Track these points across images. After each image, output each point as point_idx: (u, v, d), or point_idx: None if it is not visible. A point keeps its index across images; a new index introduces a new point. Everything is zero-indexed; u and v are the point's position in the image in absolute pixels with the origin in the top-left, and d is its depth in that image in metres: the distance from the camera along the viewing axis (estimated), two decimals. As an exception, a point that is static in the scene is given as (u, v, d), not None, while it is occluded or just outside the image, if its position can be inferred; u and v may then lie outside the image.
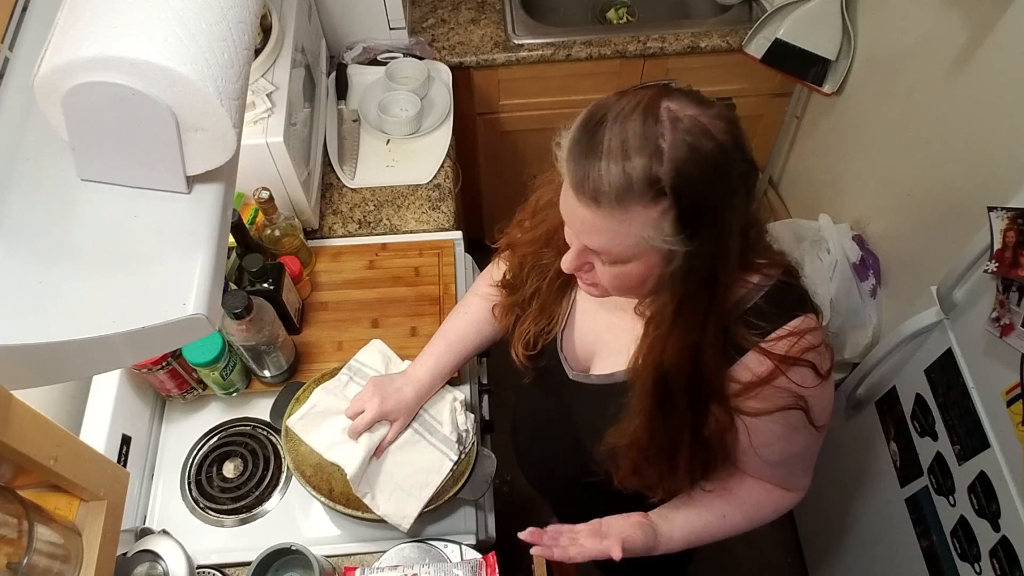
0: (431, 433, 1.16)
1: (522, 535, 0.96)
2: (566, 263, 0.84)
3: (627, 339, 0.95)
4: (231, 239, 1.27)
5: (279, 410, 1.24)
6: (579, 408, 1.05)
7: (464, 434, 1.18)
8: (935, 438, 1.32)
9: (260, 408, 1.34)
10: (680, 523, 1.00)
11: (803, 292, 0.88)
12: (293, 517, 1.25)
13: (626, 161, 0.69)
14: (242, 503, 1.25)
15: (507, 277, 1.09)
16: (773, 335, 0.83)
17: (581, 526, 0.98)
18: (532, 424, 1.29)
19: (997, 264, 1.05)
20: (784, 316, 0.84)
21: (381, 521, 1.12)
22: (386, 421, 1.14)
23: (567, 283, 1.02)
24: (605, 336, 1.00)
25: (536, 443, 1.29)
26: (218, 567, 1.19)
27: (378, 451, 1.14)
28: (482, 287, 1.18)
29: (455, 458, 1.16)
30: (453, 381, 1.34)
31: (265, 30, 1.38)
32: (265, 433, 1.32)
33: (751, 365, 0.84)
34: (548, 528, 0.97)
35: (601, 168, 0.70)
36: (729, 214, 0.74)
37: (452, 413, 1.18)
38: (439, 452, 1.15)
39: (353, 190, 1.63)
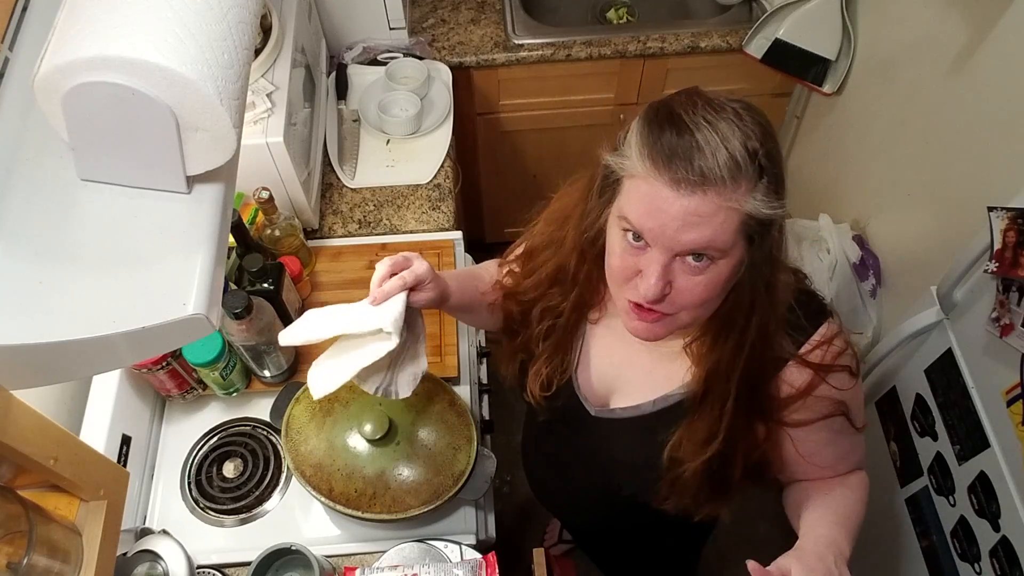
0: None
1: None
2: (650, 287, 0.75)
3: (645, 372, 0.95)
4: (231, 239, 1.27)
5: (279, 410, 1.24)
6: (607, 444, 1.02)
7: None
8: (935, 438, 1.32)
9: (260, 408, 1.34)
10: (844, 545, 0.91)
11: (820, 298, 0.89)
12: (293, 517, 1.25)
13: (727, 143, 0.70)
14: (242, 503, 1.25)
15: (508, 324, 1.05)
16: (806, 346, 0.84)
17: None
18: (549, 460, 1.26)
19: (997, 264, 1.05)
20: (812, 325, 0.85)
21: (381, 521, 1.12)
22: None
23: (579, 321, 0.99)
24: (623, 371, 0.98)
25: (554, 477, 1.26)
26: (218, 567, 1.19)
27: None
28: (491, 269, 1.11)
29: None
30: (452, 381, 1.35)
31: (265, 30, 1.38)
32: (265, 433, 1.32)
33: (791, 379, 0.85)
34: None
35: (706, 152, 0.70)
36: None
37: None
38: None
39: (353, 190, 1.63)
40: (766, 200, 0.72)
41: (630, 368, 0.97)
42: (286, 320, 1.32)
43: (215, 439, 1.32)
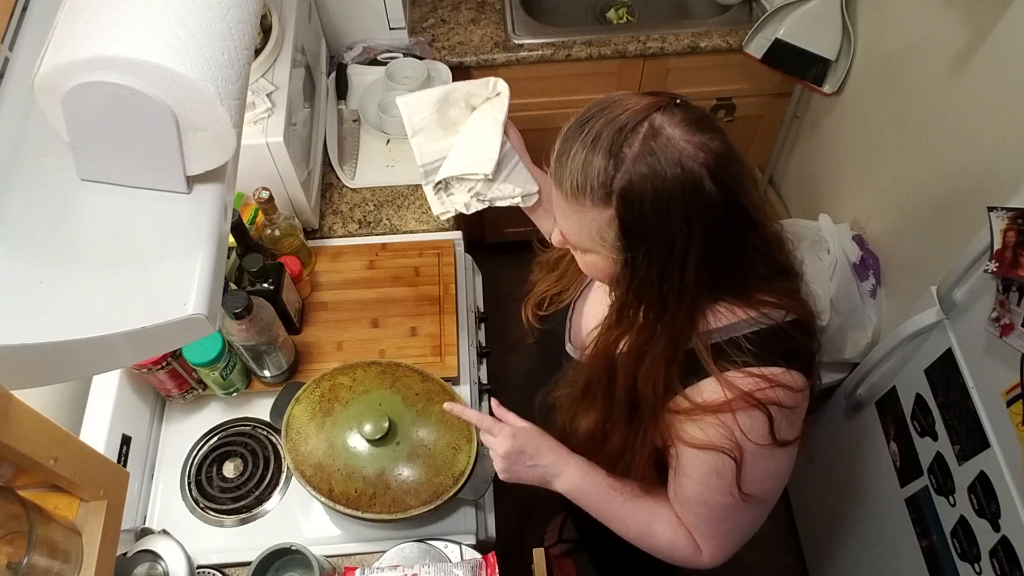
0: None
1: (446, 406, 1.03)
2: (553, 237, 0.87)
3: None
4: (231, 239, 1.27)
5: (279, 410, 1.24)
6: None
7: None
8: (935, 438, 1.32)
9: (260, 408, 1.34)
10: (583, 470, 0.97)
11: (801, 348, 0.83)
12: (293, 517, 1.25)
13: (592, 157, 0.72)
14: (242, 503, 1.25)
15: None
16: (743, 371, 0.79)
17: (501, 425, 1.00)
18: (531, 384, 1.30)
19: (997, 264, 1.05)
20: (765, 360, 0.79)
21: (381, 521, 1.13)
22: None
23: None
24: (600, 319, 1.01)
25: (539, 417, 1.29)
26: (218, 567, 1.19)
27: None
28: None
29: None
30: (452, 381, 1.35)
31: (265, 30, 1.38)
32: (265, 433, 1.32)
33: (705, 390, 0.81)
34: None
35: (570, 157, 0.74)
36: (677, 241, 0.72)
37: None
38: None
39: (353, 190, 1.63)
40: (609, 235, 0.76)
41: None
42: (286, 320, 1.32)
43: (215, 439, 1.32)
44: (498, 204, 1.08)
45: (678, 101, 0.73)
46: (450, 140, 1.07)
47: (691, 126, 0.71)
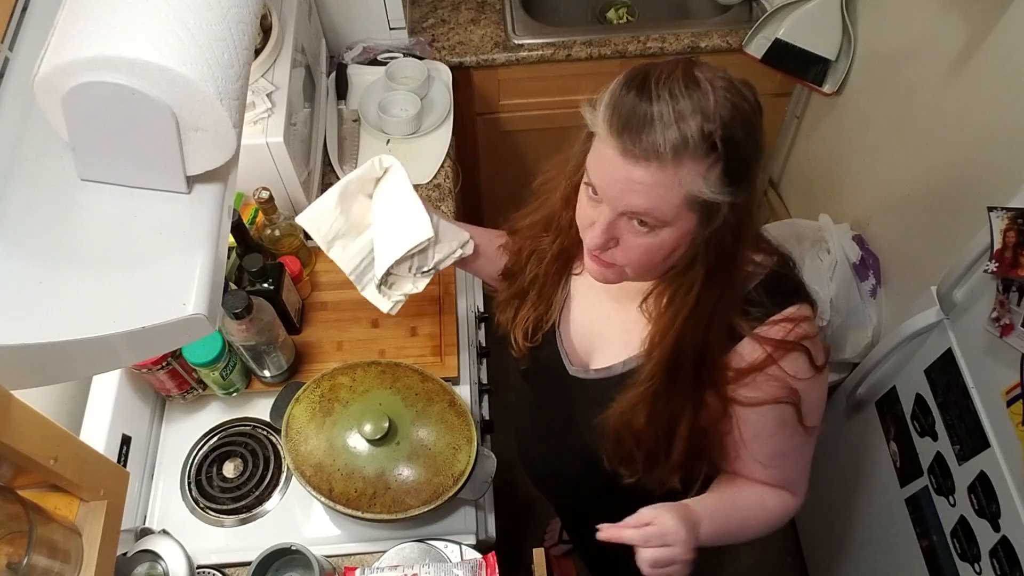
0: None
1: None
2: (595, 236, 0.80)
3: (622, 332, 0.96)
4: (231, 239, 1.27)
5: (279, 410, 1.24)
6: (580, 404, 1.04)
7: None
8: (935, 438, 1.32)
9: (260, 408, 1.34)
10: (717, 524, 0.92)
11: (798, 282, 0.89)
12: (293, 517, 1.25)
13: (680, 120, 0.71)
14: (242, 503, 1.25)
15: (507, 266, 1.09)
16: (768, 321, 0.84)
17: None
18: (533, 422, 1.29)
19: (997, 264, 1.05)
20: (779, 304, 0.85)
21: (381, 521, 1.13)
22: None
23: (563, 269, 1.02)
24: (601, 329, 1.00)
25: (538, 441, 1.29)
26: (218, 567, 1.19)
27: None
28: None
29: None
30: (452, 381, 1.35)
31: (265, 30, 1.38)
32: (265, 433, 1.32)
33: (745, 353, 0.85)
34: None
35: (656, 127, 0.71)
36: (758, 171, 0.78)
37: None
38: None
39: (353, 190, 1.63)
40: (716, 183, 0.74)
41: (609, 326, 0.99)
42: (286, 320, 1.32)
43: (215, 439, 1.32)
44: (442, 267, 1.04)
45: (694, 59, 0.78)
46: (367, 235, 1.02)
47: (723, 72, 0.76)
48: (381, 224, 1.00)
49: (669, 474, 0.96)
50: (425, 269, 1.00)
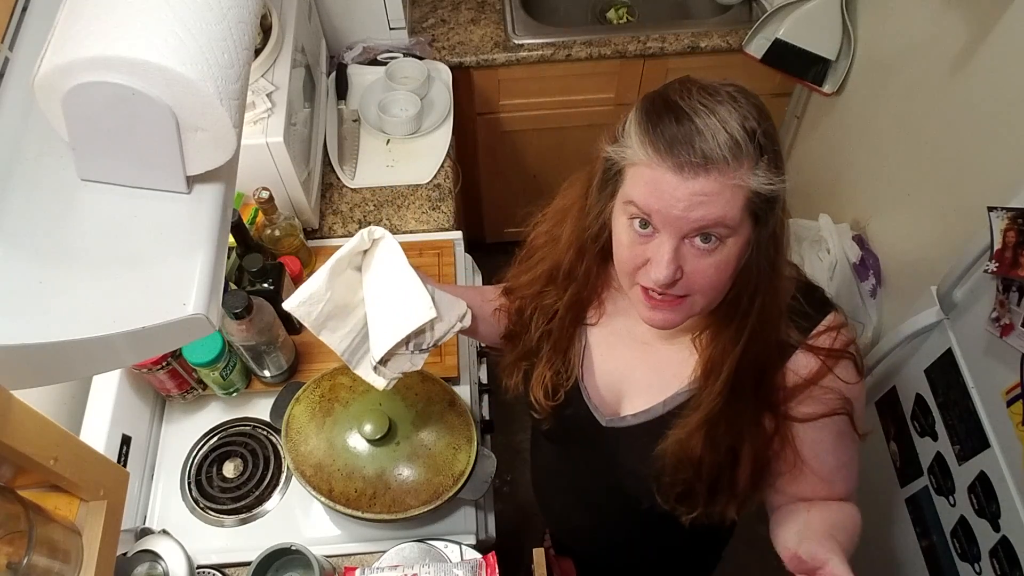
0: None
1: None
2: (661, 270, 0.75)
3: (653, 373, 0.93)
4: (231, 239, 1.27)
5: (279, 410, 1.24)
6: (621, 453, 0.98)
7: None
8: (935, 438, 1.32)
9: (260, 408, 1.34)
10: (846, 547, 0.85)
11: (823, 290, 0.90)
12: (293, 517, 1.25)
13: (725, 124, 0.72)
14: (242, 503, 1.25)
15: (509, 328, 1.04)
16: (814, 332, 0.84)
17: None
18: (558, 477, 1.23)
19: (997, 264, 1.05)
20: (819, 313, 0.85)
21: (381, 521, 1.12)
22: None
23: (576, 319, 0.97)
24: (628, 375, 0.96)
25: (574, 506, 1.22)
26: (218, 567, 1.19)
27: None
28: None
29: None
30: (452, 381, 1.35)
31: (265, 30, 1.38)
32: (265, 433, 1.32)
33: (799, 367, 0.84)
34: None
35: (706, 135, 0.72)
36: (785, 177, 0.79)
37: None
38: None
39: (353, 190, 1.63)
40: (768, 176, 0.74)
41: (637, 370, 0.95)
42: (286, 320, 1.32)
43: (215, 439, 1.32)
44: (441, 343, 0.97)
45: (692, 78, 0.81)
46: (358, 312, 0.96)
47: (715, 80, 0.80)
48: (376, 303, 0.94)
49: (729, 504, 0.92)
50: (424, 347, 0.95)
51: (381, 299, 0.94)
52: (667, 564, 1.29)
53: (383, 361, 0.93)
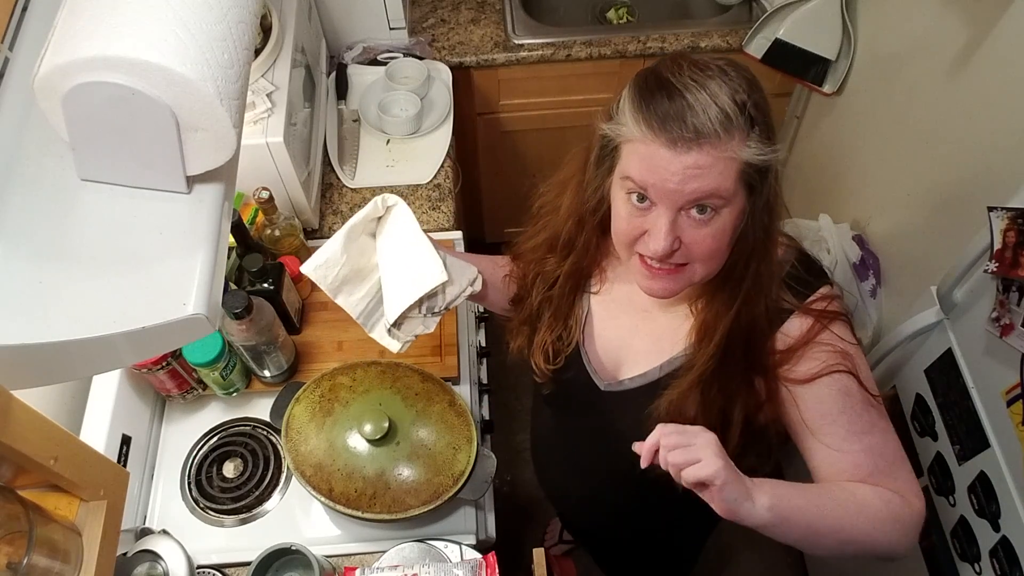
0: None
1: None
2: (659, 241, 0.77)
3: (652, 340, 0.95)
4: (231, 239, 1.27)
5: (279, 410, 1.24)
6: (618, 417, 1.01)
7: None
8: (935, 438, 1.32)
9: (260, 408, 1.34)
10: (782, 491, 0.79)
11: (820, 263, 0.92)
12: (293, 517, 1.25)
13: (715, 99, 0.74)
14: (242, 503, 1.25)
15: (517, 292, 1.07)
16: (810, 299, 0.86)
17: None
18: (556, 446, 1.26)
19: (997, 264, 1.05)
20: (816, 282, 0.88)
21: (381, 521, 1.13)
22: None
23: (577, 289, 1.00)
24: (628, 341, 0.98)
25: (566, 470, 1.25)
26: (218, 567, 1.19)
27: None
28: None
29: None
30: (452, 381, 1.35)
31: (265, 30, 1.38)
32: (265, 433, 1.32)
33: (791, 330, 0.86)
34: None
35: (697, 110, 0.74)
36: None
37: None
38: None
39: (353, 190, 1.63)
40: (760, 147, 0.76)
41: (636, 337, 0.98)
42: (286, 320, 1.32)
43: (215, 439, 1.32)
44: (453, 306, 1.01)
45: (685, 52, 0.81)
46: (373, 276, 0.99)
47: (705, 55, 0.81)
48: (390, 267, 0.98)
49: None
50: (436, 310, 0.98)
51: (394, 264, 0.97)
52: (663, 535, 1.31)
53: (397, 324, 0.97)
